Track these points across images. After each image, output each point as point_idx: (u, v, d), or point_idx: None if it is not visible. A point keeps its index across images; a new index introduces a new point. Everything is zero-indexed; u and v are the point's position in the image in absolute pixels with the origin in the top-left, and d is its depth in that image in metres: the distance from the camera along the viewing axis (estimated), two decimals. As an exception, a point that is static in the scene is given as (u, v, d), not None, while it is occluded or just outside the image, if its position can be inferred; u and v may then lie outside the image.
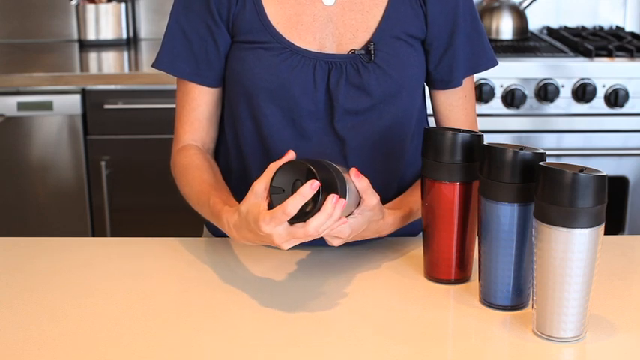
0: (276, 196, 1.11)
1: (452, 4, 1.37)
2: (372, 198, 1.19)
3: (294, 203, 1.07)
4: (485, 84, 2.57)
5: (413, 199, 1.36)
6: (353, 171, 1.16)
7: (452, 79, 1.40)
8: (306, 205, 1.09)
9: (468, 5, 1.39)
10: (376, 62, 1.33)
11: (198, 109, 1.39)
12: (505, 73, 2.58)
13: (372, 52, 1.33)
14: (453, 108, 1.42)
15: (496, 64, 1.43)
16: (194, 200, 1.32)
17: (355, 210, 1.19)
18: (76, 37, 3.14)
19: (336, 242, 1.19)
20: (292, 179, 1.11)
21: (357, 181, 1.17)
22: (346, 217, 1.18)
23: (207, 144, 1.42)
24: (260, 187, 1.12)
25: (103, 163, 2.65)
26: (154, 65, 1.40)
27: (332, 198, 1.09)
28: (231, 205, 1.21)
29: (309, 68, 1.32)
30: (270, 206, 1.11)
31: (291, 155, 1.14)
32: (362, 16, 1.35)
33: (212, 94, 1.39)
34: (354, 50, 1.34)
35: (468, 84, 1.42)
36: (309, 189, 1.07)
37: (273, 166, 1.12)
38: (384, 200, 1.31)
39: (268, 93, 1.33)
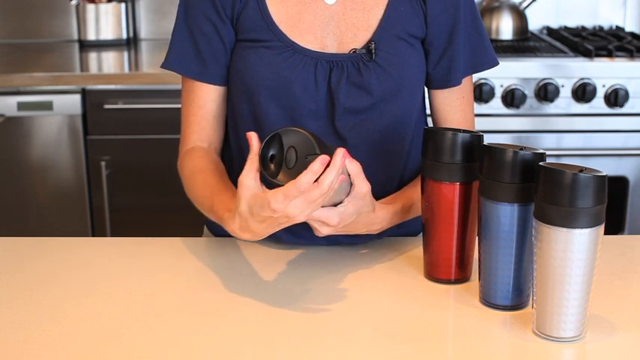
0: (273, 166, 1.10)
1: (453, 4, 1.36)
2: (363, 185, 1.18)
3: (307, 179, 1.06)
4: (485, 84, 2.57)
5: (408, 194, 1.36)
6: (341, 151, 1.11)
7: (450, 79, 1.39)
8: (290, 162, 1.09)
9: (468, 4, 1.38)
10: (377, 61, 1.33)
11: (204, 107, 1.39)
12: (505, 73, 2.57)
13: (373, 51, 1.33)
14: (451, 109, 1.42)
15: (497, 64, 1.42)
16: (199, 205, 1.32)
17: (345, 198, 1.18)
18: (76, 37, 3.14)
19: (325, 230, 1.18)
20: (283, 147, 1.10)
21: (349, 163, 1.16)
22: (335, 204, 1.17)
23: (214, 143, 1.41)
24: (249, 180, 1.11)
25: (103, 163, 2.65)
26: (163, 66, 1.39)
27: (340, 151, 1.09)
28: (232, 208, 1.20)
29: (311, 67, 1.33)
30: (267, 179, 1.09)
31: (255, 139, 1.12)
32: (363, 15, 1.35)
33: (218, 92, 1.39)
34: (355, 49, 1.34)
35: (466, 85, 1.42)
36: (319, 165, 1.06)
37: (253, 156, 1.11)
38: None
39: (269, 91, 1.33)
